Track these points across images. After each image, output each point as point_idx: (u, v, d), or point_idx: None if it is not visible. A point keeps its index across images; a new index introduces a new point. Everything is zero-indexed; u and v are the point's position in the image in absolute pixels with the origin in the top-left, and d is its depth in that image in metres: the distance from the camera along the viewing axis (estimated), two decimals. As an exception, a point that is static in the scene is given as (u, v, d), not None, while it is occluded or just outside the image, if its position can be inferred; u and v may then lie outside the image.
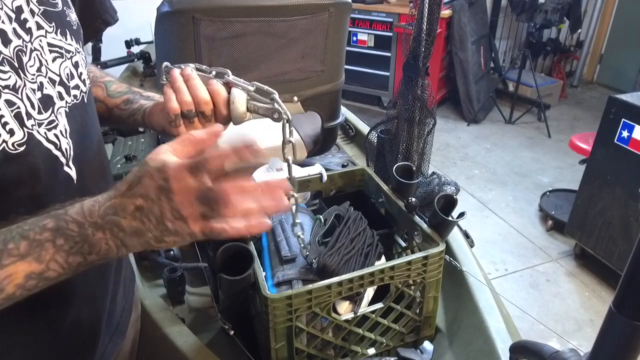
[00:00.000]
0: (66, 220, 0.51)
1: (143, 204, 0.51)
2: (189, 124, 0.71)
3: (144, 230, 0.51)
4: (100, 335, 0.74)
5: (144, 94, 0.84)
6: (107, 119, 0.84)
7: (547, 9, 4.13)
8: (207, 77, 0.72)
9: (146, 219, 0.51)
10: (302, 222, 1.00)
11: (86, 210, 0.52)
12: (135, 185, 0.51)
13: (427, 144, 1.33)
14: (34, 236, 0.50)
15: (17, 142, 0.54)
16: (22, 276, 0.49)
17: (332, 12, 1.15)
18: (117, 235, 0.52)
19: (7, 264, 0.48)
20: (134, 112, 0.81)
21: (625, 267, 0.45)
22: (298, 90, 1.22)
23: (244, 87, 0.70)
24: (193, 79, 0.70)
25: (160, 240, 0.52)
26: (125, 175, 0.54)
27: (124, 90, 0.85)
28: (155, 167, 0.50)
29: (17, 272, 0.49)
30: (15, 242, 0.49)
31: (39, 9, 0.60)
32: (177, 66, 0.72)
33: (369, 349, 0.93)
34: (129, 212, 0.51)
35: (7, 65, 0.53)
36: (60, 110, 0.61)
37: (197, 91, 0.69)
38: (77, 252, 0.51)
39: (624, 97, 2.25)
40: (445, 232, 0.93)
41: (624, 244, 2.35)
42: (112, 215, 0.51)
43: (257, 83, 0.70)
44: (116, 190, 0.52)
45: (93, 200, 0.53)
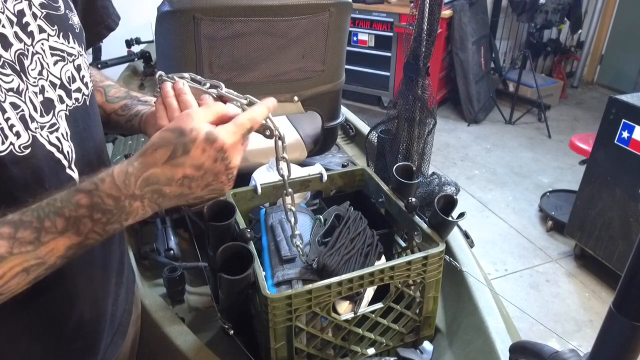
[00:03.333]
0: (100, 196, 0.53)
1: (194, 173, 0.54)
2: None
3: (189, 193, 0.56)
4: (103, 337, 0.74)
5: (142, 98, 0.84)
6: (106, 124, 0.83)
7: (548, 9, 4.13)
8: (200, 90, 0.69)
9: (194, 184, 0.55)
10: (302, 221, 1.01)
11: (120, 183, 0.53)
12: (180, 155, 0.54)
13: (428, 144, 1.33)
14: (69, 213, 0.52)
15: (23, 145, 0.54)
16: (63, 249, 0.52)
17: (332, 12, 1.15)
18: (156, 201, 0.55)
19: (47, 241, 0.51)
20: (131, 117, 0.80)
21: (625, 268, 0.45)
22: (298, 90, 1.23)
23: (237, 101, 0.68)
24: (184, 93, 0.68)
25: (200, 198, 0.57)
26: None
27: (122, 95, 0.84)
28: (205, 139, 0.54)
29: (57, 247, 0.52)
30: (50, 220, 0.51)
31: (41, 12, 0.60)
32: (170, 76, 0.70)
33: (369, 349, 0.93)
34: (175, 180, 0.54)
35: (9, 69, 0.54)
36: (60, 113, 0.61)
37: (188, 108, 0.67)
38: (114, 222, 0.54)
39: (624, 98, 2.25)
40: (445, 232, 0.93)
41: (624, 245, 2.35)
42: (154, 185, 0.54)
43: (250, 97, 0.68)
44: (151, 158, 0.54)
45: (124, 171, 0.54)
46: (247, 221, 1.06)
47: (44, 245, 0.51)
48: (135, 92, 0.86)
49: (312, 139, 1.48)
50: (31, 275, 0.51)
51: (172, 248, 1.19)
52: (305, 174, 1.16)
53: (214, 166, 0.55)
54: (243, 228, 0.90)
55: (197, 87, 0.70)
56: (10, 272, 0.49)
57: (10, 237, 0.49)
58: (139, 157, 0.55)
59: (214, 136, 0.55)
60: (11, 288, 0.50)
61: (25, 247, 0.50)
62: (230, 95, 0.68)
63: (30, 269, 0.51)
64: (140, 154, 0.55)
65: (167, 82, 0.70)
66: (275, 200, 1.09)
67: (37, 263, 0.51)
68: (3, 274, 0.49)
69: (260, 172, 1.24)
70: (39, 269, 0.51)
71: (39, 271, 0.51)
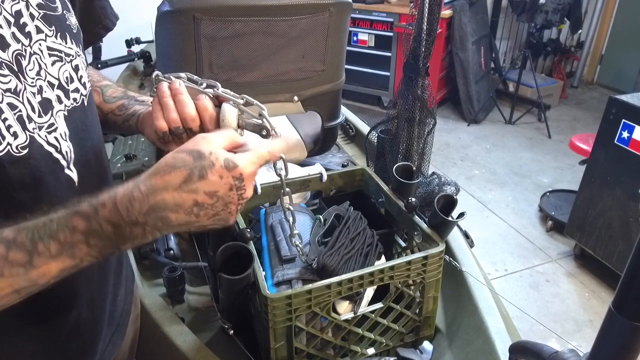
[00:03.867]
0: (100, 222, 0.50)
1: (206, 201, 0.51)
2: (178, 140, 0.69)
3: (193, 221, 0.52)
4: (101, 337, 0.74)
5: (139, 98, 0.83)
6: (104, 124, 0.83)
7: (548, 9, 4.13)
8: (197, 89, 0.69)
9: (203, 213, 0.51)
10: (302, 221, 1.01)
11: (122, 209, 0.50)
12: (195, 180, 0.50)
13: (427, 144, 1.33)
14: (64, 238, 0.49)
15: (21, 145, 0.54)
16: (56, 272, 0.50)
17: (332, 12, 1.15)
18: (159, 229, 0.52)
19: (39, 265, 0.49)
20: (128, 118, 0.80)
21: (625, 268, 0.45)
22: (298, 90, 1.22)
23: (234, 101, 0.67)
24: (181, 93, 0.67)
25: (201, 228, 0.54)
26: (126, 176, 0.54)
27: (120, 95, 0.84)
28: (224, 165, 0.51)
29: (50, 270, 0.50)
30: (44, 243, 0.49)
31: (38, 12, 0.60)
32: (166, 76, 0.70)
33: (369, 349, 0.93)
34: (185, 207, 0.51)
35: (6, 70, 0.54)
36: (58, 113, 0.61)
37: (184, 107, 0.66)
38: (110, 247, 0.52)
39: (624, 98, 2.25)
40: (445, 232, 0.93)
41: (624, 245, 2.35)
42: (160, 212, 0.50)
43: (246, 96, 0.67)
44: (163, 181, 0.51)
45: (127, 196, 0.50)
46: (247, 221, 1.06)
47: (35, 269, 0.49)
48: (133, 92, 0.86)
49: (312, 139, 1.48)
50: (22, 295, 0.50)
51: (172, 248, 1.19)
52: (305, 173, 1.16)
53: (227, 195, 0.52)
54: (243, 228, 0.90)
55: (193, 87, 0.69)
56: (1, 292, 0.48)
57: (2, 258, 0.48)
58: (148, 179, 0.51)
59: (234, 163, 0.52)
60: (2, 305, 0.49)
61: (17, 269, 0.48)
62: (227, 95, 0.67)
63: (22, 290, 0.49)
64: (150, 175, 0.52)
65: (164, 82, 0.69)
66: (275, 200, 1.09)
67: (28, 285, 0.49)
68: None
69: (260, 172, 1.24)
70: (30, 289, 0.50)
71: (30, 291, 0.50)
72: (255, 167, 0.55)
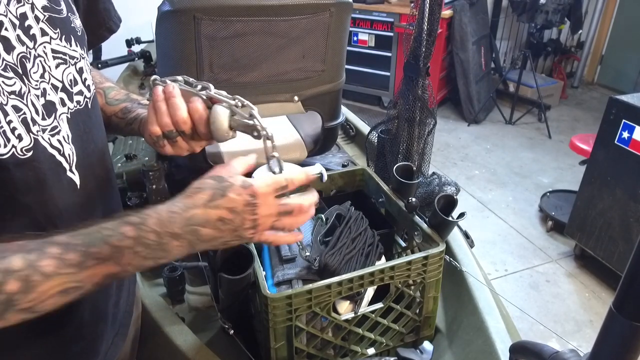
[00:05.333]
0: (145, 230, 0.55)
1: (227, 216, 0.58)
2: (173, 143, 0.70)
3: (219, 237, 0.59)
4: (103, 338, 0.74)
5: (142, 101, 0.83)
6: (107, 127, 0.83)
7: (548, 9, 4.13)
8: (191, 91, 0.69)
9: (225, 228, 0.58)
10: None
11: (164, 221, 0.56)
12: (218, 198, 0.58)
13: (428, 144, 1.33)
14: (115, 243, 0.53)
15: (25, 148, 0.55)
16: (101, 276, 0.54)
17: (333, 12, 1.15)
18: (192, 242, 0.58)
19: (90, 266, 0.52)
20: (131, 121, 0.80)
21: (626, 268, 0.45)
22: (299, 90, 1.22)
23: (225, 102, 0.67)
24: (174, 96, 0.68)
25: (226, 244, 0.61)
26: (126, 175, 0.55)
27: (123, 97, 0.84)
28: (241, 185, 0.59)
29: (97, 274, 0.53)
30: (97, 247, 0.53)
31: (43, 15, 0.60)
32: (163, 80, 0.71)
33: (369, 349, 0.93)
34: (212, 222, 0.58)
35: (11, 72, 0.54)
36: (62, 116, 0.61)
37: (176, 111, 0.68)
38: (151, 258, 0.56)
39: (624, 98, 2.25)
40: (445, 233, 0.93)
41: (624, 245, 2.35)
42: (194, 226, 0.57)
43: (239, 97, 0.68)
44: (193, 200, 0.58)
45: (169, 210, 0.57)
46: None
47: (86, 270, 0.52)
48: (136, 95, 0.86)
49: (312, 139, 1.48)
50: (67, 298, 0.52)
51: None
52: (306, 173, 1.15)
53: (243, 210, 0.59)
54: (243, 228, 0.90)
55: (188, 90, 0.70)
56: (51, 290, 0.50)
57: (58, 258, 0.51)
58: (180, 199, 0.59)
59: (249, 183, 0.60)
60: (46, 307, 0.51)
61: (70, 269, 0.51)
62: (219, 96, 0.68)
63: (68, 291, 0.52)
64: (182, 197, 0.59)
65: (158, 86, 0.70)
66: (275, 200, 1.09)
67: (76, 286, 0.52)
68: (45, 291, 0.50)
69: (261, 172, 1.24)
70: (76, 292, 0.53)
71: (74, 295, 0.53)
72: (269, 188, 0.61)
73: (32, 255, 0.50)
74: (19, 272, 0.48)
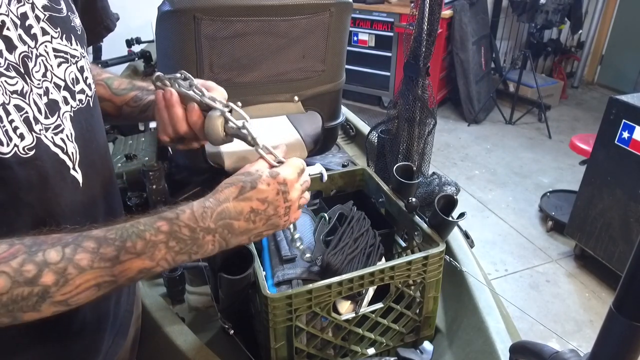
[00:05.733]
0: (179, 225, 0.56)
1: (259, 206, 0.60)
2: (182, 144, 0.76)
3: (252, 228, 0.61)
4: (104, 338, 0.74)
5: (149, 88, 0.85)
6: (117, 117, 0.85)
7: (548, 9, 4.13)
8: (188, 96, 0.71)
9: (258, 219, 0.61)
10: (302, 221, 1.01)
11: (198, 216, 0.57)
12: (248, 190, 0.60)
13: (428, 144, 1.33)
14: (149, 237, 0.55)
15: (27, 147, 0.55)
16: (135, 271, 0.54)
17: (333, 12, 1.15)
18: (225, 237, 0.59)
19: (124, 260, 0.53)
20: (145, 108, 0.82)
21: (626, 268, 0.45)
22: (299, 90, 1.22)
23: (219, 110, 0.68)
24: (172, 106, 0.71)
25: (260, 235, 0.63)
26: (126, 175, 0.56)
27: (129, 86, 0.85)
28: (270, 175, 0.62)
29: (131, 268, 0.54)
30: (132, 241, 0.54)
31: (44, 14, 0.60)
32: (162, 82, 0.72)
33: (369, 349, 0.93)
34: (244, 214, 0.59)
35: (13, 71, 0.54)
36: (65, 114, 0.61)
37: (176, 122, 0.71)
38: (185, 253, 0.57)
39: (624, 98, 2.25)
40: (445, 233, 0.93)
41: (624, 245, 2.35)
42: (226, 219, 0.59)
43: (232, 104, 0.69)
44: (224, 194, 0.60)
45: (202, 205, 0.58)
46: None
47: (120, 264, 0.53)
48: (139, 82, 0.87)
49: (312, 139, 1.48)
50: (100, 292, 0.53)
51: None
52: (306, 173, 1.15)
53: (275, 198, 0.61)
54: (243, 228, 0.90)
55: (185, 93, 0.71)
56: (86, 284, 0.51)
57: (94, 252, 0.52)
58: (212, 195, 0.60)
59: (276, 172, 0.63)
60: (80, 301, 0.52)
61: (105, 262, 0.52)
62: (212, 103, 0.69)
63: (102, 285, 0.53)
64: (213, 193, 0.61)
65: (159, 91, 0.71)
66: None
67: (110, 280, 0.53)
68: (79, 284, 0.51)
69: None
70: (109, 287, 0.53)
71: (108, 289, 0.54)
72: (295, 174, 0.64)
73: (69, 249, 0.51)
74: (55, 264, 0.49)
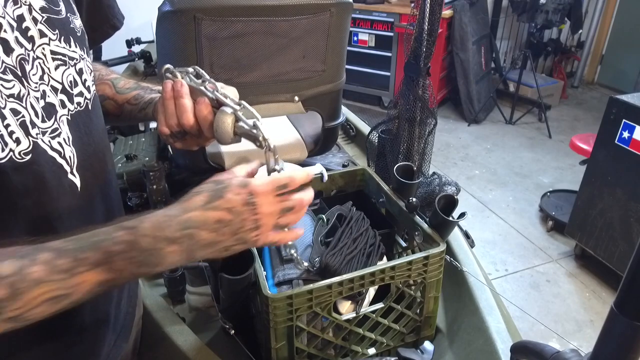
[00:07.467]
0: (139, 234, 0.53)
1: (226, 217, 0.56)
2: (181, 140, 0.72)
3: (219, 241, 0.56)
4: (105, 341, 0.74)
5: (154, 87, 0.83)
6: (119, 116, 0.83)
7: (548, 9, 4.13)
8: (199, 89, 0.69)
9: (225, 230, 0.56)
10: (303, 221, 1.01)
11: (160, 224, 0.54)
12: (215, 199, 0.56)
13: (428, 144, 1.33)
14: (107, 247, 0.51)
15: (24, 151, 0.54)
16: (92, 284, 0.51)
17: (333, 12, 1.15)
18: (190, 248, 0.55)
19: (79, 272, 0.50)
20: (145, 105, 0.80)
21: (627, 268, 0.45)
22: (299, 90, 1.22)
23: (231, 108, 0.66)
24: (182, 97, 0.68)
25: (228, 249, 0.58)
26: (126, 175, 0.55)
27: (133, 86, 0.84)
28: (239, 184, 0.57)
29: (88, 281, 0.51)
30: (89, 252, 0.51)
31: (42, 16, 0.59)
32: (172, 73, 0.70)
33: (370, 349, 0.93)
34: (210, 224, 0.55)
35: (10, 74, 0.53)
36: (62, 118, 0.61)
37: (183, 113, 0.68)
38: (147, 264, 0.54)
39: (624, 98, 2.25)
40: (445, 232, 0.93)
41: (625, 245, 2.35)
42: (191, 229, 0.54)
43: (245, 103, 0.67)
44: (190, 203, 0.56)
45: (165, 214, 0.55)
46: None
47: (75, 276, 0.50)
48: (145, 83, 0.85)
49: (312, 139, 1.48)
50: (57, 306, 0.50)
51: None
52: (306, 174, 1.15)
53: (242, 209, 0.56)
54: (244, 228, 0.90)
55: (196, 87, 0.69)
56: (40, 298, 0.48)
57: (49, 263, 0.49)
58: (179, 203, 0.57)
59: (246, 181, 0.58)
60: (34, 316, 0.49)
61: (60, 275, 0.49)
62: (225, 100, 0.66)
63: (58, 299, 0.50)
64: (180, 201, 0.57)
65: (168, 81, 0.69)
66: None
67: (65, 294, 0.50)
68: (32, 298, 0.48)
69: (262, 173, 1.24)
70: (65, 300, 0.50)
71: (64, 303, 0.50)
72: (268, 187, 0.58)
73: (23, 261, 0.48)
74: (7, 278, 0.46)
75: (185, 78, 0.70)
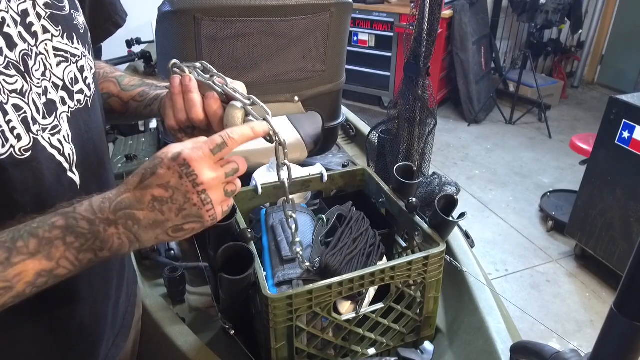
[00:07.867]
0: (76, 218, 0.52)
1: (162, 194, 0.52)
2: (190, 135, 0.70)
3: (163, 220, 0.53)
4: (104, 341, 0.74)
5: (159, 84, 0.83)
6: (124, 114, 0.83)
7: (548, 9, 4.13)
8: (208, 84, 0.68)
9: (166, 209, 0.53)
10: (303, 221, 1.01)
11: (96, 207, 0.52)
12: (148, 177, 0.53)
13: (428, 144, 1.33)
14: (43, 234, 0.50)
15: (24, 148, 0.54)
16: (32, 274, 0.50)
17: (333, 12, 1.15)
18: (131, 229, 0.53)
19: (16, 262, 0.48)
20: (150, 102, 0.79)
21: (627, 268, 0.45)
22: (299, 90, 1.23)
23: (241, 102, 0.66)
24: (190, 92, 0.67)
25: (179, 229, 0.54)
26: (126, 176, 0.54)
27: (138, 82, 0.83)
28: (171, 157, 0.53)
29: (27, 270, 0.49)
30: (24, 240, 0.49)
31: (45, 12, 0.59)
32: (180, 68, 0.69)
33: (370, 349, 0.93)
34: (146, 203, 0.52)
35: (13, 70, 0.53)
36: (62, 115, 0.60)
37: (192, 108, 0.67)
38: (88, 249, 0.52)
39: (624, 98, 2.25)
40: (445, 233, 0.93)
41: (625, 245, 2.35)
42: (127, 209, 0.52)
43: (254, 97, 0.66)
44: (126, 185, 0.54)
45: (102, 197, 0.54)
46: (247, 221, 1.06)
47: (12, 267, 0.48)
48: (151, 80, 0.85)
49: (312, 139, 1.48)
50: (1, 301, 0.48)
51: (172, 248, 1.18)
52: (306, 174, 1.15)
53: (179, 183, 0.52)
54: (244, 228, 0.90)
55: (205, 81, 0.68)
56: None
57: None
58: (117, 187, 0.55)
59: (177, 152, 0.53)
60: None
61: None
62: (234, 94, 0.66)
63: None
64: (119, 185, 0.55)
65: (176, 76, 0.68)
66: (275, 201, 1.09)
67: (4, 287, 0.48)
68: None
69: (261, 173, 1.24)
70: (6, 294, 0.48)
71: (6, 297, 0.49)
72: (201, 151, 0.54)
73: None
74: None
75: (193, 73, 0.69)
